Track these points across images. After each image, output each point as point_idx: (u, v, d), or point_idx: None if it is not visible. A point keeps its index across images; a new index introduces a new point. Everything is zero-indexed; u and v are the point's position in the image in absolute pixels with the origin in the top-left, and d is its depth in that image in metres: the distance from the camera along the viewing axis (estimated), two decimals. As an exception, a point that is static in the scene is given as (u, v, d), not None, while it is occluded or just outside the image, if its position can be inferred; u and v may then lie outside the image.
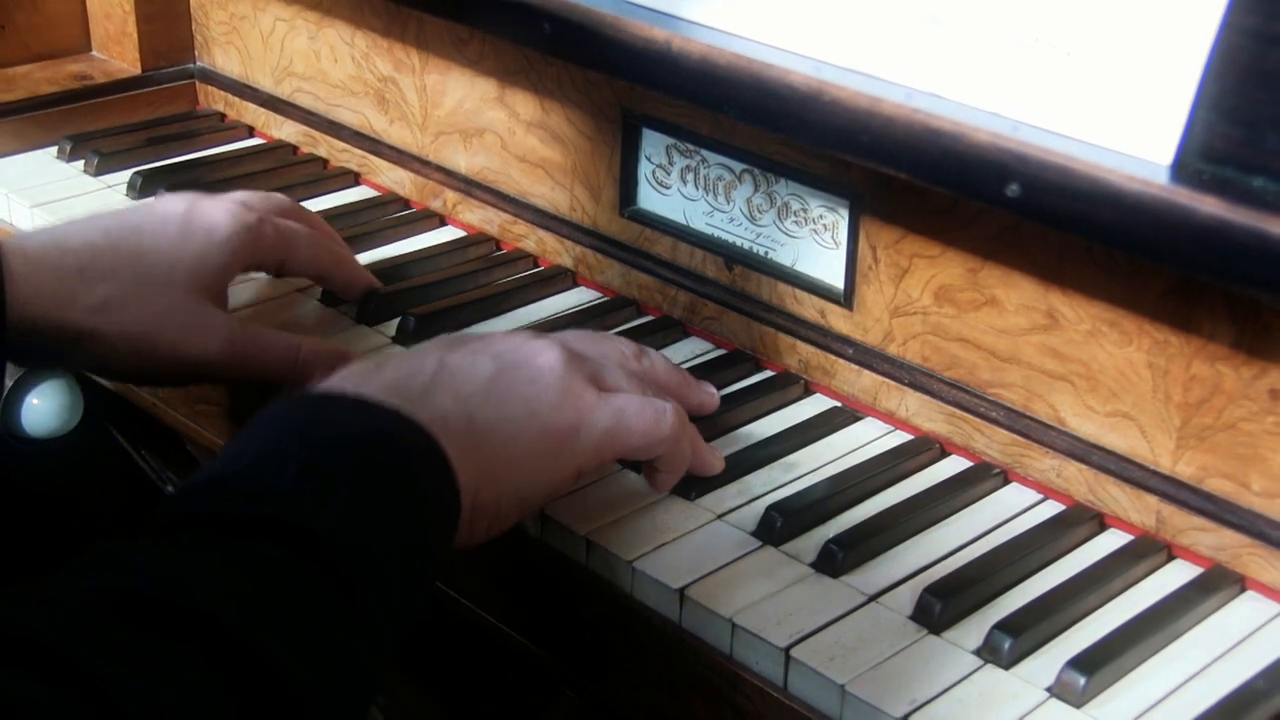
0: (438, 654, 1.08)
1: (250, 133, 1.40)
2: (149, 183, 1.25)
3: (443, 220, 1.25)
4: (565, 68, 1.12)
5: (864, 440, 0.98)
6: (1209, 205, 0.74)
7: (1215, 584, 0.85)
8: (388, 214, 1.26)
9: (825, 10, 0.91)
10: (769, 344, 1.05)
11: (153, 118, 1.40)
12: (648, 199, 1.11)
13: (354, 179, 1.32)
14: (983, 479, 0.93)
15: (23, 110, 1.34)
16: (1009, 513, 0.91)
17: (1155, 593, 0.84)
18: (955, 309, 0.95)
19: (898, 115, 0.84)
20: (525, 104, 1.16)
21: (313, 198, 1.27)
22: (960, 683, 0.77)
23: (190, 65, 1.45)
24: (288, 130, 1.37)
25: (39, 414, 1.04)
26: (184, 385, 1.05)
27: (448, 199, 1.24)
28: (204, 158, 1.34)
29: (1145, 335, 0.87)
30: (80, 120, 1.36)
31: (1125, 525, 0.90)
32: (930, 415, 0.97)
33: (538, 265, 1.18)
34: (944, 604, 0.80)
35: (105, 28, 1.44)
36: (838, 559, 0.84)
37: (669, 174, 1.09)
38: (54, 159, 1.32)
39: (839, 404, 1.01)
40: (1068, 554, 0.87)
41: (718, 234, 1.07)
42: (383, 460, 0.72)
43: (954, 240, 0.94)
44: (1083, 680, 0.76)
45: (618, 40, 0.96)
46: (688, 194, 1.08)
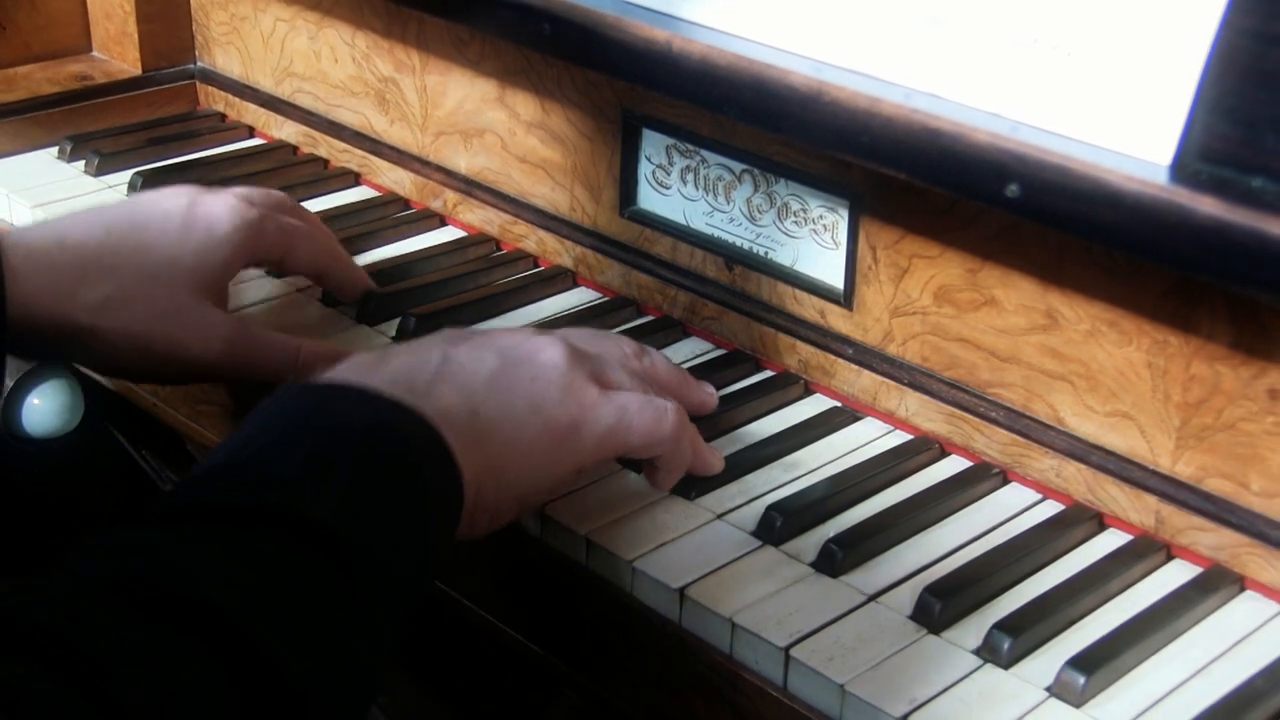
0: (438, 654, 1.08)
1: (250, 133, 1.40)
2: (149, 183, 1.25)
3: (443, 220, 1.25)
4: (565, 68, 1.12)
5: (864, 440, 0.98)
6: (1208, 205, 0.74)
7: (1214, 584, 0.85)
8: (388, 214, 1.26)
9: (825, 11, 0.91)
10: (769, 344, 1.05)
11: (153, 118, 1.40)
12: (648, 199, 1.11)
13: (354, 179, 1.32)
14: (982, 479, 0.93)
15: (23, 110, 1.34)
16: (1008, 512, 0.91)
17: (1154, 592, 0.84)
18: (955, 309, 0.95)
19: (897, 115, 0.85)
20: (525, 104, 1.16)
21: (313, 198, 1.27)
22: (960, 682, 0.77)
23: (191, 65, 1.45)
24: (288, 131, 1.37)
25: (39, 414, 1.04)
26: (183, 384, 1.05)
27: (448, 199, 1.24)
28: (204, 158, 1.34)
29: (1145, 335, 0.87)
30: (81, 120, 1.36)
31: (1125, 525, 0.90)
32: (930, 415, 0.97)
33: (538, 265, 1.18)
34: (943, 604, 0.80)
35: (106, 28, 1.44)
36: (837, 559, 0.84)
37: (669, 174, 1.09)
38: (54, 159, 1.32)
39: (839, 404, 1.01)
40: (1067, 554, 0.87)
41: (718, 234, 1.07)
42: (387, 452, 0.73)
43: (953, 240, 0.94)
44: (1082, 680, 0.76)
45: (618, 41, 0.97)
46: (688, 194, 1.08)
